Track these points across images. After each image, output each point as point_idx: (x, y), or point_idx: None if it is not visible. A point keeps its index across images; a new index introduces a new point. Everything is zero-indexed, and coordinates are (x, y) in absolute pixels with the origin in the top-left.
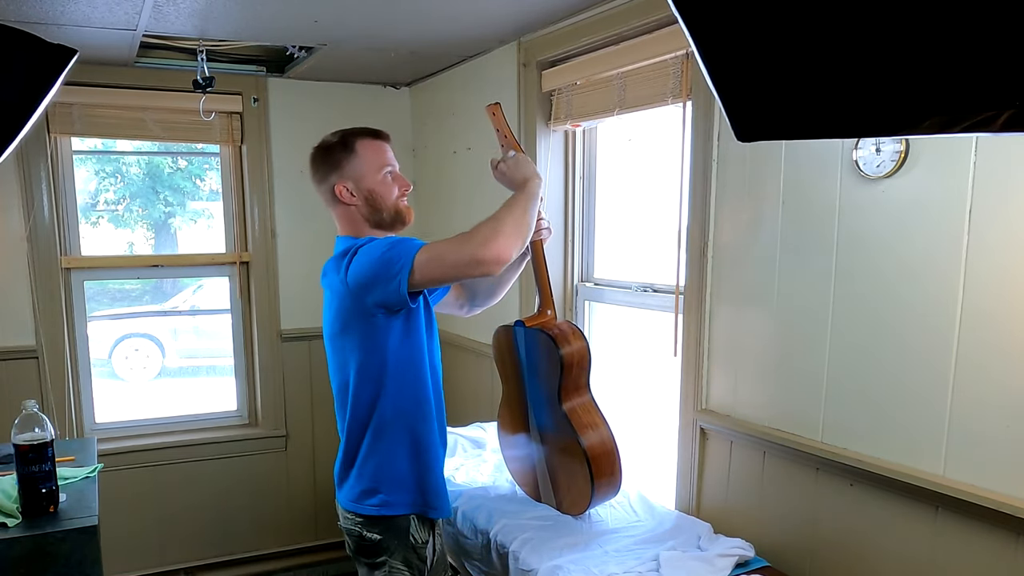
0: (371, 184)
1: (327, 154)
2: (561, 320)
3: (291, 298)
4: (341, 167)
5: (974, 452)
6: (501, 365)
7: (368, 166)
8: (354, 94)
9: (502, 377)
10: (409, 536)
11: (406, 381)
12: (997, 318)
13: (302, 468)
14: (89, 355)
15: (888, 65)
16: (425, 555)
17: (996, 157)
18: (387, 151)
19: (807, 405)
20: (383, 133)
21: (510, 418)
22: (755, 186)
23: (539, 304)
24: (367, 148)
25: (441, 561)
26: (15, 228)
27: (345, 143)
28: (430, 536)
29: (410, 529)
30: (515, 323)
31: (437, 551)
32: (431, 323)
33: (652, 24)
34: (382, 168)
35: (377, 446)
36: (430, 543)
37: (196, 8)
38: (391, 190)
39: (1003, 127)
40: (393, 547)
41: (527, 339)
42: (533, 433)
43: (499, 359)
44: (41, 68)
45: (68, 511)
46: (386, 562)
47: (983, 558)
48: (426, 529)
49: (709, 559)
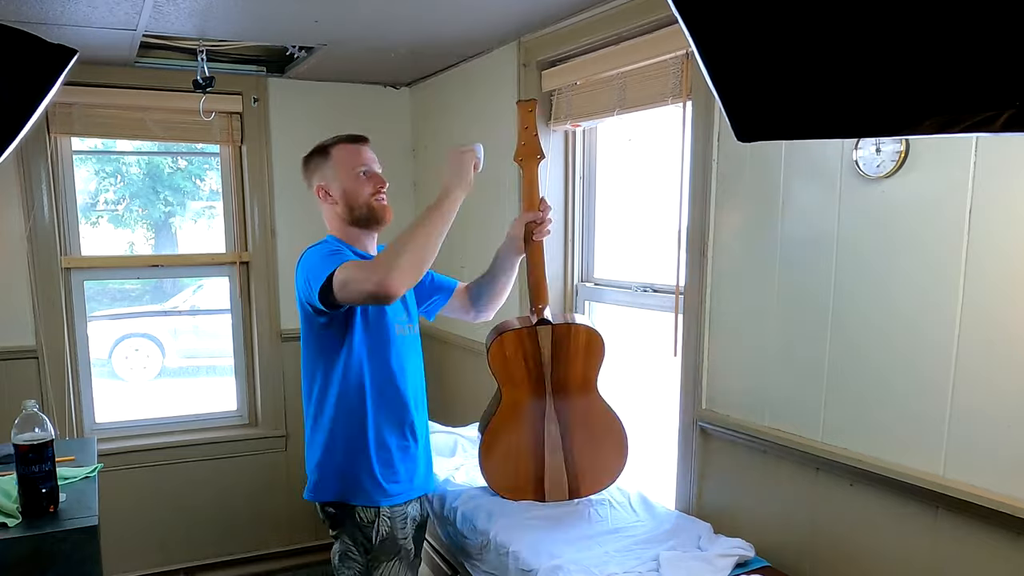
0: (345, 184)
1: (308, 161)
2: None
3: (291, 298)
4: (320, 171)
5: (974, 452)
6: (512, 368)
7: (342, 167)
8: (354, 94)
9: (508, 382)
10: (356, 515)
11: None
12: (997, 318)
13: (302, 468)
14: (89, 355)
15: (888, 65)
16: (370, 535)
17: (996, 157)
18: (362, 153)
19: (807, 405)
20: (360, 137)
21: (513, 419)
22: (755, 186)
23: (533, 300)
24: (342, 151)
25: (389, 542)
26: (15, 228)
27: (323, 149)
28: (376, 517)
29: (356, 510)
30: (537, 323)
31: (384, 534)
32: (383, 318)
33: (652, 24)
34: (355, 168)
35: (314, 439)
36: (375, 524)
37: (196, 8)
38: (364, 188)
39: (1003, 127)
40: (345, 523)
41: (557, 335)
42: (550, 426)
43: (509, 363)
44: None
45: (68, 511)
46: (339, 535)
47: (983, 558)
48: (372, 512)
49: (709, 559)
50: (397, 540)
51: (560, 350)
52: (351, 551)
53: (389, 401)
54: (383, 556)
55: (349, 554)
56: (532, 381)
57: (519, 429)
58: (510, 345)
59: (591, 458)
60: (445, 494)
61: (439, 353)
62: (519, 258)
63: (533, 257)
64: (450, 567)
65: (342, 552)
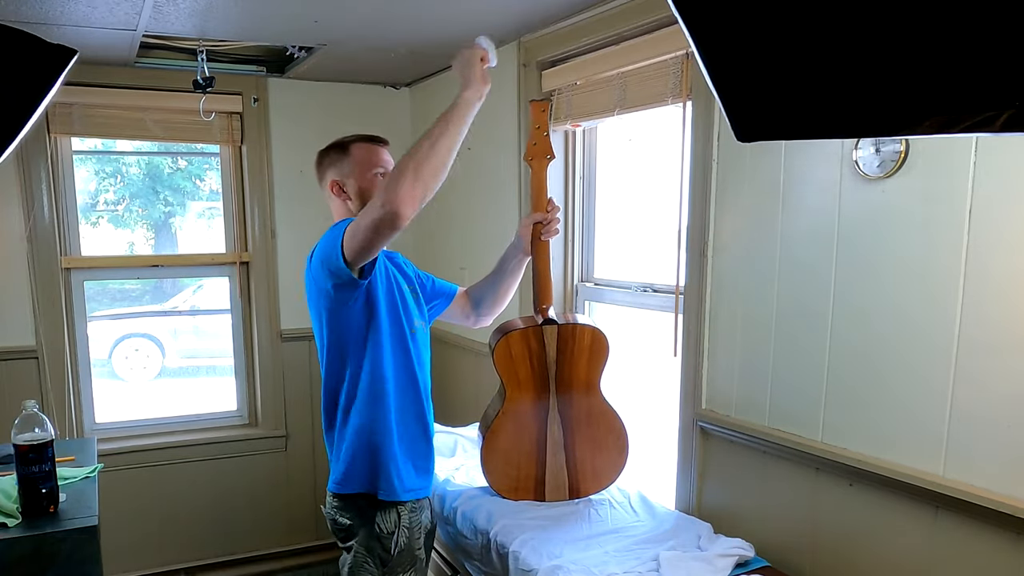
0: (360, 182)
1: (326, 154)
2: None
3: (291, 298)
4: (336, 165)
5: (974, 452)
6: (517, 368)
7: (359, 165)
8: (354, 94)
9: (512, 382)
10: (375, 525)
11: (362, 364)
12: (997, 318)
13: (302, 468)
14: (89, 355)
15: (888, 65)
16: (389, 545)
17: (996, 157)
18: (381, 154)
19: (807, 405)
20: (380, 139)
21: (517, 419)
22: (755, 186)
23: (539, 300)
24: (361, 150)
25: (407, 553)
26: (15, 228)
27: (342, 145)
28: (396, 528)
29: (376, 519)
30: (543, 323)
31: (402, 545)
32: (399, 310)
33: (652, 24)
34: (372, 168)
35: (343, 431)
36: (395, 535)
37: (196, 8)
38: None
39: (1003, 127)
40: (360, 533)
41: (563, 335)
42: (552, 427)
43: (515, 363)
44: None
45: (68, 511)
46: (353, 547)
47: (983, 558)
48: (391, 520)
49: (709, 559)
50: (414, 550)
51: (565, 350)
52: (367, 563)
53: (409, 393)
54: (399, 568)
55: (365, 566)
56: (536, 381)
57: (522, 429)
58: (516, 345)
59: (592, 458)
60: (445, 494)
61: (439, 353)
62: (526, 259)
63: (540, 257)
64: (450, 567)
65: (355, 564)
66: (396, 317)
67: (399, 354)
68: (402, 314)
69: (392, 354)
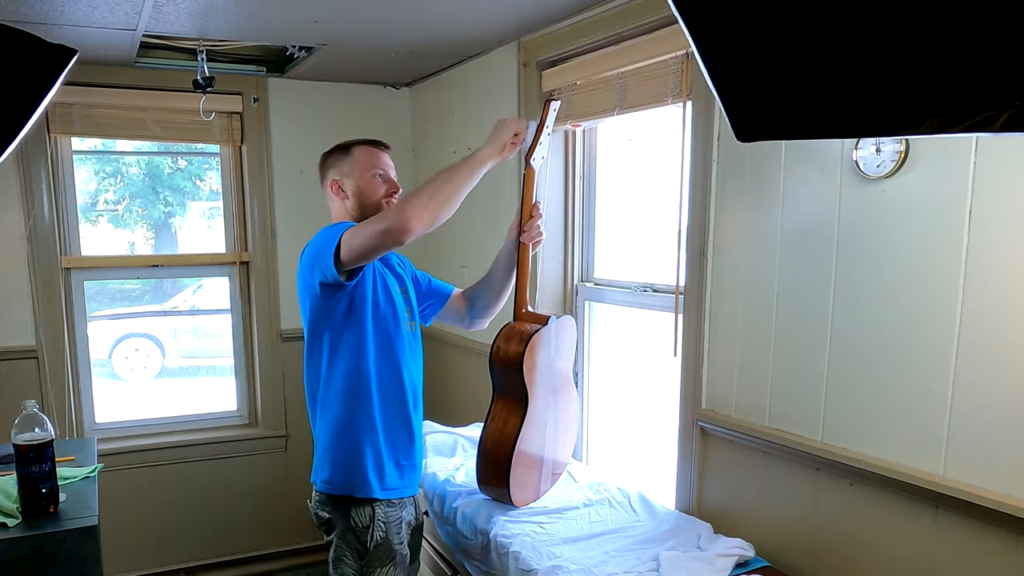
0: (359, 182)
1: (329, 155)
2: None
3: (291, 298)
4: (337, 166)
5: (974, 452)
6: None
7: (359, 166)
8: (354, 94)
9: (532, 387)
10: (350, 519)
11: (343, 362)
12: (997, 318)
13: (302, 468)
14: (89, 355)
15: (888, 65)
16: (365, 539)
17: (996, 157)
18: (381, 156)
19: (807, 405)
20: (382, 143)
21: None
22: (755, 186)
23: (521, 302)
24: (363, 151)
25: (384, 547)
26: (15, 228)
27: (345, 147)
28: (371, 522)
29: (351, 513)
30: (548, 320)
31: (379, 539)
32: (385, 310)
33: (652, 24)
34: (372, 169)
35: (322, 426)
36: (371, 529)
37: (196, 8)
38: (378, 188)
39: (1003, 127)
40: (339, 527)
41: (560, 329)
42: (550, 423)
43: (537, 368)
44: (41, 68)
45: (68, 511)
46: (333, 540)
47: (983, 558)
48: (366, 515)
49: (709, 559)
50: (392, 545)
51: (562, 344)
52: (345, 556)
53: (393, 392)
54: (377, 562)
55: (344, 559)
56: (548, 380)
57: (535, 431)
58: (537, 349)
59: (565, 432)
60: (445, 494)
61: (439, 353)
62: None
63: (520, 259)
64: (450, 567)
65: (335, 557)
66: (381, 317)
67: (383, 353)
68: (388, 314)
69: (375, 353)
